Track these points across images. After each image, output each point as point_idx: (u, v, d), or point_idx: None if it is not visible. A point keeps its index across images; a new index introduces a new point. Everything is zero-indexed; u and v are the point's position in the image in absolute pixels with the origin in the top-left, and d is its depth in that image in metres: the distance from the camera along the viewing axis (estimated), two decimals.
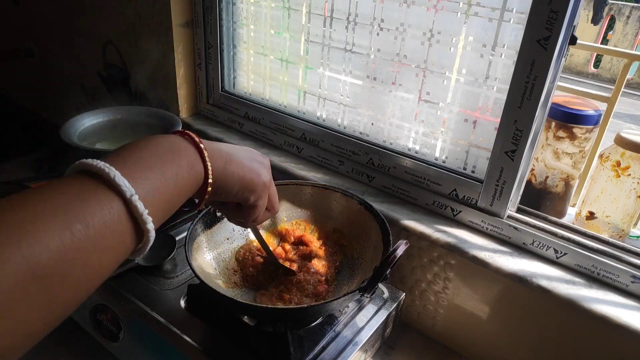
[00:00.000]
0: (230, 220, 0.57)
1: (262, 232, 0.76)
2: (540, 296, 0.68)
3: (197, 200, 0.43)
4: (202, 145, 0.41)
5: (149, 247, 0.37)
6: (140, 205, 0.33)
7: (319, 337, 0.64)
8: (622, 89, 0.94)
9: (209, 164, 0.41)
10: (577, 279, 0.69)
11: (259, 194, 0.49)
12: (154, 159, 0.37)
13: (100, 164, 0.33)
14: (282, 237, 0.77)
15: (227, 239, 0.74)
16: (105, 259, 0.33)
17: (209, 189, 0.42)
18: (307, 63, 0.96)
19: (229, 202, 0.49)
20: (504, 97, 0.70)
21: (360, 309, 0.71)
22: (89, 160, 0.34)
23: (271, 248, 0.72)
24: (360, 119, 0.92)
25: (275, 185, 0.78)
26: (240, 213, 0.51)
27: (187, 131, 0.42)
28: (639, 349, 0.62)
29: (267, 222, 0.79)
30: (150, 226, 0.35)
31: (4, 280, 0.26)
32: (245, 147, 0.50)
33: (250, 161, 0.48)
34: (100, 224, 0.31)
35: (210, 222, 0.71)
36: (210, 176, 0.42)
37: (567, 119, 0.88)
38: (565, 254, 0.71)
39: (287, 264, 0.71)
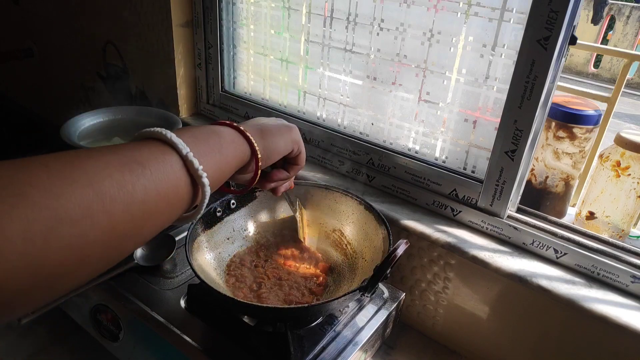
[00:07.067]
0: (276, 192, 0.62)
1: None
2: (540, 296, 0.68)
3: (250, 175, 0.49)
4: (241, 127, 0.47)
5: (204, 205, 0.40)
6: (195, 161, 0.37)
7: (319, 337, 0.64)
8: (622, 89, 0.94)
9: (251, 138, 0.47)
10: (577, 279, 0.69)
11: (297, 141, 0.55)
12: (201, 133, 0.42)
13: (157, 128, 0.37)
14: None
15: (227, 238, 0.74)
16: (162, 204, 0.34)
17: (259, 155, 0.48)
18: (307, 63, 0.96)
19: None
20: (504, 97, 0.70)
21: (360, 308, 0.71)
22: (147, 129, 0.37)
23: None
24: (360, 119, 0.92)
25: None
26: (288, 169, 0.58)
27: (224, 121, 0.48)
28: (639, 349, 0.62)
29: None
30: (205, 181, 0.37)
31: (73, 209, 0.28)
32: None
33: (276, 122, 0.54)
34: (156, 168, 0.34)
35: (210, 222, 0.71)
36: (256, 146, 0.47)
37: (567, 119, 0.88)
38: (565, 254, 0.71)
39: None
